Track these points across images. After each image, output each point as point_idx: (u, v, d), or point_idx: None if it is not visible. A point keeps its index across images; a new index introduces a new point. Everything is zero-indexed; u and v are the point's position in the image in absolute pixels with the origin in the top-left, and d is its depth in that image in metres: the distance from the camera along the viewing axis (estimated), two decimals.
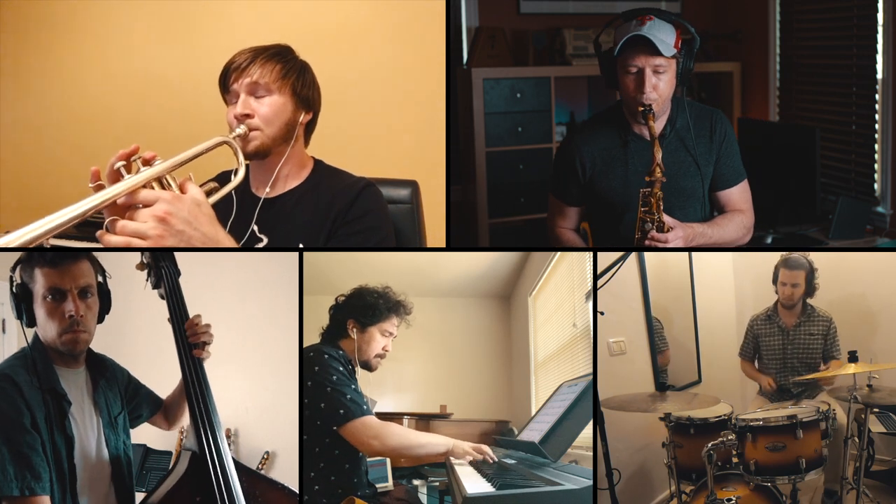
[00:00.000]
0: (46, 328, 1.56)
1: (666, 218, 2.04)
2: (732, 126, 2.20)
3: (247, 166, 1.91)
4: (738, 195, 2.24)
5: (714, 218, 2.24)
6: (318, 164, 2.03)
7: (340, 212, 1.88)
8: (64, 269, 1.56)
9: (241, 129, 1.84)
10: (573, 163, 2.22)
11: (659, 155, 2.01)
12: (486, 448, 1.86)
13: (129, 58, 3.20)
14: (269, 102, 1.87)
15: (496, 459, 1.86)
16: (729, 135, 2.18)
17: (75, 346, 1.57)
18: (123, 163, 1.53)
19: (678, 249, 2.07)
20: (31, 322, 1.57)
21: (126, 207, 1.51)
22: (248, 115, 1.86)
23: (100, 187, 1.51)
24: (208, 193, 1.67)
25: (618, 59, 2.06)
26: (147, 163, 1.55)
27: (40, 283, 1.55)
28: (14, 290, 1.56)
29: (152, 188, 1.54)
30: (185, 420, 1.64)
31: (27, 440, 1.43)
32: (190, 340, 1.65)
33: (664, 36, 2.00)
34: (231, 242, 1.63)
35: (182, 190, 1.58)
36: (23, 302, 1.56)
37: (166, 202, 1.51)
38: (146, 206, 1.50)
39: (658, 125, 2.13)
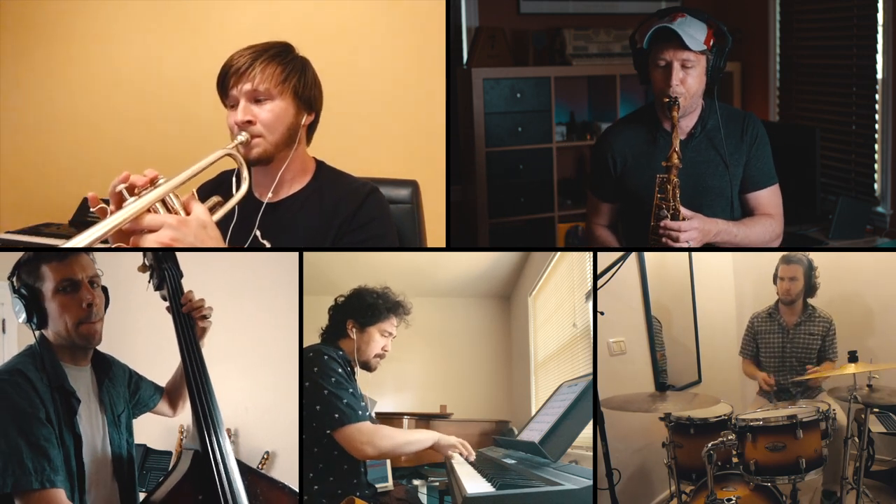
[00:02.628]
0: (61, 322, 1.53)
1: (684, 210, 2.04)
2: (764, 129, 2.20)
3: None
4: (767, 198, 2.22)
5: (742, 219, 2.22)
6: (321, 167, 2.00)
7: (346, 219, 1.86)
8: (73, 260, 1.54)
9: (242, 137, 1.79)
10: (605, 159, 2.26)
11: (677, 142, 2.03)
12: (466, 445, 1.91)
13: (129, 58, 3.20)
14: (271, 108, 1.82)
15: (473, 455, 1.88)
16: (760, 137, 2.18)
17: (93, 336, 1.56)
18: (125, 185, 1.50)
19: (679, 249, 2.06)
20: (42, 323, 1.54)
21: (131, 232, 1.48)
22: (249, 122, 1.81)
23: (102, 211, 1.48)
24: (212, 208, 1.65)
25: (648, 53, 2.09)
26: (151, 183, 1.52)
27: (50, 279, 1.53)
28: (20, 291, 1.54)
29: (157, 211, 1.51)
30: (188, 403, 1.63)
31: (44, 433, 1.42)
32: (185, 311, 1.64)
33: (694, 32, 2.02)
34: None
35: (186, 210, 1.55)
36: (32, 303, 1.53)
37: (171, 228, 1.48)
38: (151, 231, 1.48)
39: (688, 123, 2.16)
